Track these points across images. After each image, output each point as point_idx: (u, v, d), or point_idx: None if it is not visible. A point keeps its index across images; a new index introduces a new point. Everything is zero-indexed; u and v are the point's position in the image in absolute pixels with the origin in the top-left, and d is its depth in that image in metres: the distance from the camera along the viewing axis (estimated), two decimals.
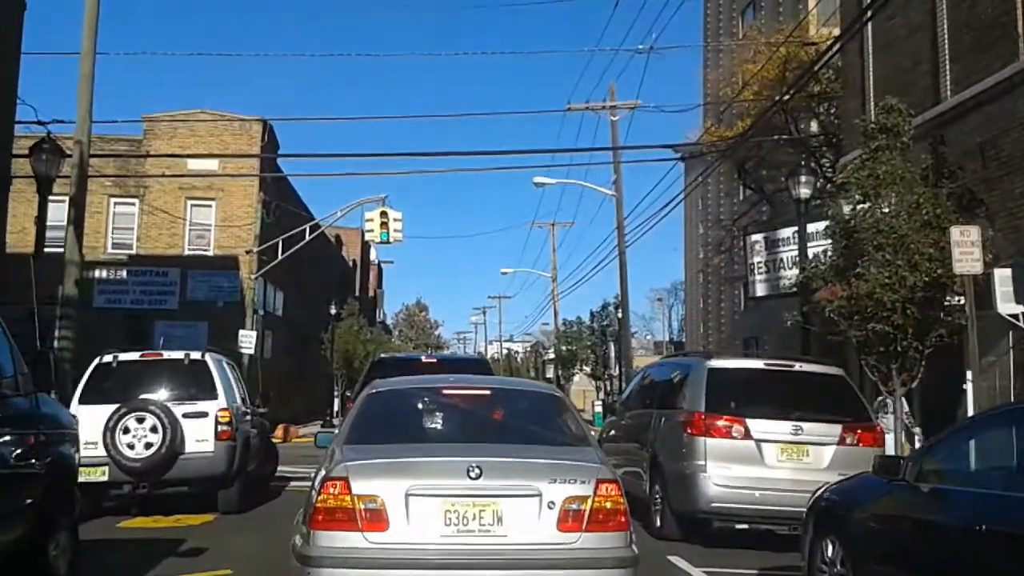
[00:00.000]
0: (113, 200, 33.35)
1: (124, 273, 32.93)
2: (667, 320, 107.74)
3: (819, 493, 7.47)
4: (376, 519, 5.47)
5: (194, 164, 32.65)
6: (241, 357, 29.91)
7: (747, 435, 9.91)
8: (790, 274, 20.50)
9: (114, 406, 11.66)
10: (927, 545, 5.98)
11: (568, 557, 5.54)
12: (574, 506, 5.56)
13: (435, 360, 15.54)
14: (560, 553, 5.54)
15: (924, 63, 17.00)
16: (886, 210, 12.31)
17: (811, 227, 19.68)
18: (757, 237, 21.91)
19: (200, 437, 11.94)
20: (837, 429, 10.06)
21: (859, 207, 12.69)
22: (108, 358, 12.42)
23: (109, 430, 11.59)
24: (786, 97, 20.92)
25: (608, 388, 45.57)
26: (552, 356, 65.55)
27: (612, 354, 44.21)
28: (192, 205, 33.61)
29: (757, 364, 10.68)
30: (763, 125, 24.66)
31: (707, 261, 66.05)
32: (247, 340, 30.61)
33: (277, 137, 35.15)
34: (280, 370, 38.45)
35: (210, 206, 33.60)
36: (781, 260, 20.83)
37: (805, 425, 9.97)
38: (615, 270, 38.23)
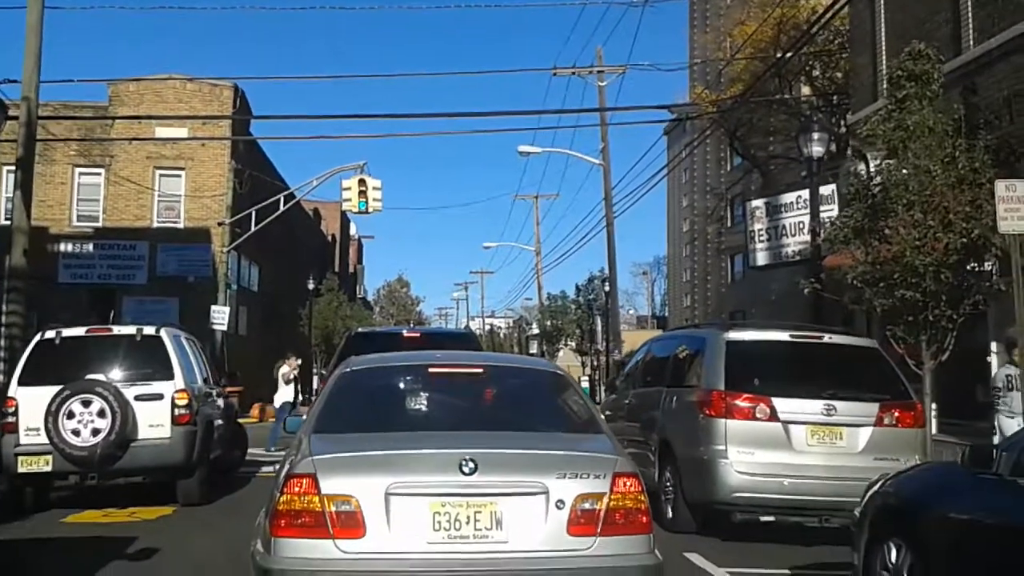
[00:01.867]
0: (78, 170, 31.84)
1: (90, 247, 31.49)
2: (650, 295, 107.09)
3: (877, 486, 6.30)
4: (350, 524, 4.59)
5: (162, 131, 31.14)
6: (214, 334, 28.67)
7: (773, 416, 8.74)
8: (793, 241, 19.38)
9: (57, 388, 10.37)
10: None
11: (581, 566, 4.69)
12: (587, 505, 4.71)
13: (418, 335, 14.27)
14: (571, 562, 4.68)
15: (943, 11, 15.83)
16: (917, 164, 11.15)
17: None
18: (758, 203, 20.76)
19: (155, 422, 10.67)
20: (874, 408, 8.91)
21: (885, 162, 11.52)
22: (50, 334, 11.09)
23: (52, 415, 10.31)
24: (788, 54, 19.70)
25: (595, 363, 44.50)
26: (536, 331, 64.49)
27: (599, 328, 43.13)
28: (160, 175, 32.08)
29: (781, 336, 9.47)
30: (756, 90, 23.49)
31: (694, 233, 65.25)
32: (220, 316, 29.26)
33: (250, 103, 33.61)
34: (256, 347, 37.13)
35: (179, 176, 32.09)
36: (783, 227, 19.70)
37: (838, 404, 8.81)
38: (600, 243, 37.08)
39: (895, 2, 17.42)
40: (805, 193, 19.31)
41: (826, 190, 17.84)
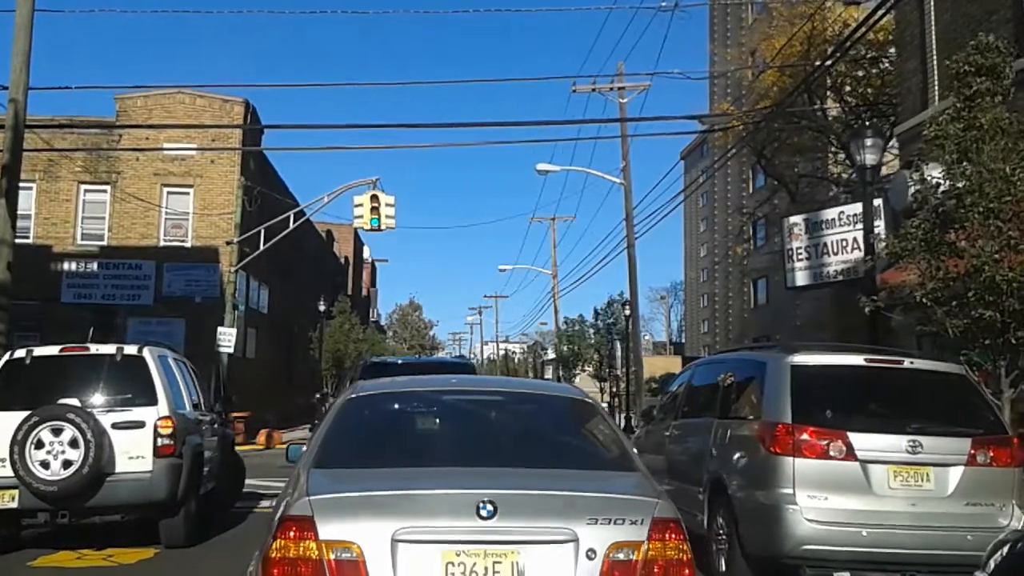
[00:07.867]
0: (83, 187, 30.89)
1: (95, 266, 30.48)
2: (668, 320, 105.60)
3: (1008, 546, 5.02)
4: (351, 575, 4.07)
5: (171, 146, 30.19)
6: (220, 356, 27.58)
7: (849, 454, 7.45)
8: (836, 259, 18.09)
9: (25, 414, 9.19)
10: None
11: None
12: (622, 556, 4.17)
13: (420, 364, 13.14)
14: None
15: (1002, 10, 14.69)
16: (992, 168, 9.89)
17: (854, 208, 17.37)
18: (796, 219, 19.49)
19: (134, 453, 9.46)
20: (965, 445, 7.61)
21: (956, 167, 10.26)
22: (20, 353, 9.94)
23: (18, 444, 9.12)
24: (828, 63, 18.54)
25: (614, 389, 43.13)
26: (552, 356, 63.18)
27: (618, 353, 41.79)
28: (168, 192, 31.07)
29: (855, 360, 8.17)
30: (786, 105, 22.40)
31: (714, 258, 63.95)
32: (227, 338, 28.13)
33: (260, 119, 32.69)
34: (264, 370, 36.03)
35: (187, 193, 31.08)
36: (825, 244, 18.40)
37: (924, 440, 7.51)
38: (617, 267, 35.84)
39: (946, 2, 16.26)
40: (848, 208, 18.14)
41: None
